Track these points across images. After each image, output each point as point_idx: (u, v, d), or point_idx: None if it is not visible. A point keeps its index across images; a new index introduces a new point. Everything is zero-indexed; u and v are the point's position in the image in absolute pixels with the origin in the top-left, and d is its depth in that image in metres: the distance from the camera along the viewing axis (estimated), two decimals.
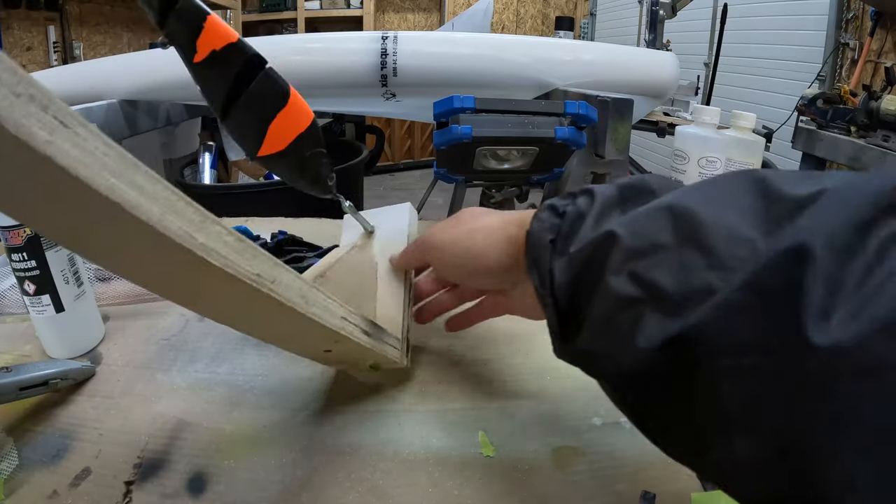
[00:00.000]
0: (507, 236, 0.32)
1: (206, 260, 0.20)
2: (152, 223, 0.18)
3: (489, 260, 0.33)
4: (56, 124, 0.15)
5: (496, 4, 3.71)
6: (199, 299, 0.25)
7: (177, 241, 0.18)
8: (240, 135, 0.36)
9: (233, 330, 0.29)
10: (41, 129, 0.14)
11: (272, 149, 0.36)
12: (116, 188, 0.17)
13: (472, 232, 0.34)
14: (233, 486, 0.32)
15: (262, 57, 0.35)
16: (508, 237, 0.32)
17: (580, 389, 0.40)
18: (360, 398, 0.39)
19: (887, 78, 1.53)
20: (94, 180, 0.16)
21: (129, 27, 2.33)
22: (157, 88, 0.94)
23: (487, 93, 0.85)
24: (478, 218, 0.35)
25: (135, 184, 0.17)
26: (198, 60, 0.34)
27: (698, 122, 0.54)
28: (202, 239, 0.20)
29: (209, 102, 0.36)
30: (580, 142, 0.62)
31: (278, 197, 1.20)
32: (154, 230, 0.18)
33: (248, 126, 0.36)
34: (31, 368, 0.36)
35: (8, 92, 0.14)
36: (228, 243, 0.21)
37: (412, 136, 3.68)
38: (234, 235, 0.22)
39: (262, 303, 0.24)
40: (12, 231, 0.38)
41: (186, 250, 0.19)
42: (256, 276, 0.22)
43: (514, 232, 0.31)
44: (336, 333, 0.29)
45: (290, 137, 0.35)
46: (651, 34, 1.61)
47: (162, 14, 0.33)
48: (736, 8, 1.95)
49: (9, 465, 0.32)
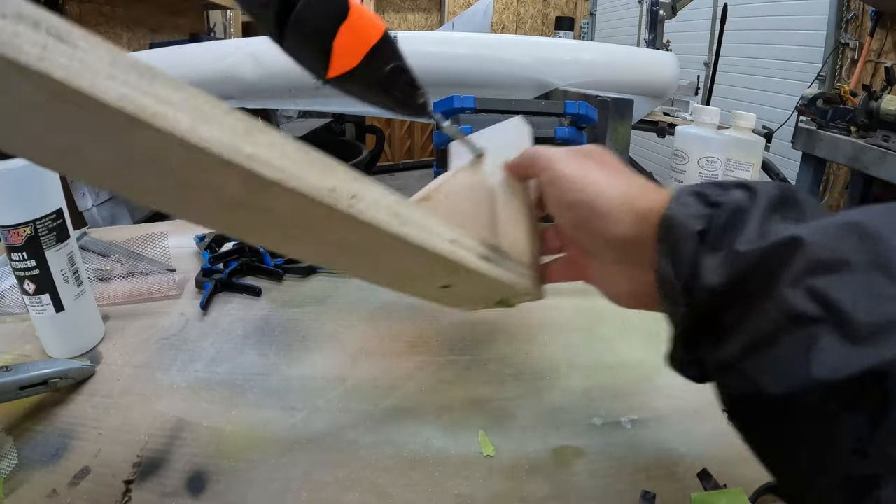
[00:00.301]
0: (632, 207, 0.27)
1: (258, 174, 0.16)
2: (180, 134, 0.15)
3: (613, 225, 0.28)
4: (49, 40, 0.14)
5: (496, 4, 3.71)
6: (266, 229, 0.21)
7: (216, 152, 0.15)
8: (301, 58, 0.32)
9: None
10: (32, 47, 0.13)
11: (341, 69, 0.31)
12: (128, 97, 0.15)
13: (598, 185, 0.29)
14: (232, 485, 0.32)
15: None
16: (635, 209, 0.27)
17: (580, 389, 0.40)
18: (360, 398, 0.39)
19: (887, 78, 1.53)
20: (100, 90, 0.14)
21: (129, 27, 2.33)
22: None
23: (487, 93, 0.85)
24: (606, 165, 0.30)
25: (152, 93, 0.15)
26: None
27: (698, 122, 0.54)
28: (250, 149, 0.16)
29: (260, 26, 0.32)
30: (580, 142, 0.62)
31: None
32: (187, 143, 0.15)
33: (308, 47, 0.32)
34: (31, 368, 0.36)
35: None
36: (286, 153, 0.17)
37: (412, 136, 3.68)
38: (294, 144, 0.18)
39: (344, 226, 0.20)
40: (12, 230, 0.38)
41: (231, 165, 0.16)
42: (330, 190, 0.18)
43: (643, 206, 0.27)
44: (447, 260, 0.25)
45: (361, 53, 0.31)
46: (651, 34, 1.61)
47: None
48: (736, 8, 1.95)
49: (8, 465, 0.32)
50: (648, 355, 0.44)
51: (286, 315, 0.50)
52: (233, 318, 0.49)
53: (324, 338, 0.46)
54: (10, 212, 0.38)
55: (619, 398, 0.39)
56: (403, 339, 0.46)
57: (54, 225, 0.40)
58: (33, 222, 0.39)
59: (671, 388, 0.41)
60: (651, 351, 0.45)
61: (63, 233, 0.41)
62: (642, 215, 0.27)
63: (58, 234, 0.40)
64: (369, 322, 0.49)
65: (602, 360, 0.44)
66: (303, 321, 0.49)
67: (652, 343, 0.46)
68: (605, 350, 0.45)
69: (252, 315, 0.50)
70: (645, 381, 0.41)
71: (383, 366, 0.43)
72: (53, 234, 0.40)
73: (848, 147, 1.43)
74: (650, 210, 0.26)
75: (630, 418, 0.37)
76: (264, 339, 0.46)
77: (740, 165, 0.56)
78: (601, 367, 0.43)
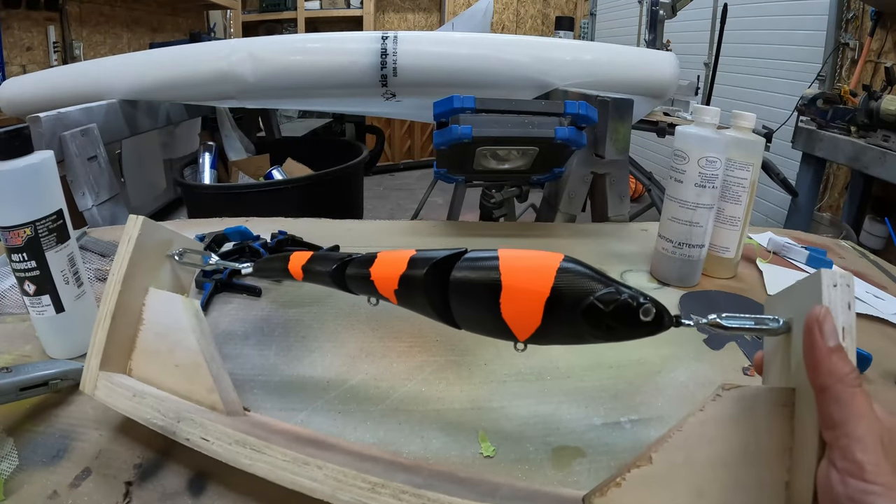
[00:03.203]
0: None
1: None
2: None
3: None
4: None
5: (496, 4, 3.71)
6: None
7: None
8: (486, 333, 0.31)
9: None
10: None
11: (530, 330, 0.28)
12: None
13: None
14: (233, 485, 0.32)
15: (428, 262, 0.30)
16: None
17: (580, 389, 0.40)
18: (360, 398, 0.39)
19: (887, 78, 1.53)
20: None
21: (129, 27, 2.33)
22: (157, 88, 0.94)
23: (487, 93, 0.85)
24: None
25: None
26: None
27: (698, 122, 0.54)
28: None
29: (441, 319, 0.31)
30: (580, 142, 0.62)
31: (278, 197, 1.20)
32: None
33: (486, 329, 0.30)
34: (32, 369, 0.36)
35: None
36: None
37: (412, 136, 3.68)
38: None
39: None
40: (12, 231, 0.38)
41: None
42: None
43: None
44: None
45: (538, 311, 0.27)
46: (651, 34, 1.61)
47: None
48: (736, 8, 1.95)
49: (9, 466, 0.32)
50: (648, 355, 0.44)
51: (286, 315, 0.50)
52: (233, 318, 0.49)
53: (324, 338, 0.46)
54: (11, 213, 0.38)
55: (619, 398, 0.39)
56: (403, 339, 0.46)
57: (54, 226, 0.40)
58: (33, 223, 0.39)
59: (671, 388, 0.41)
60: (651, 351, 0.45)
61: (63, 233, 0.41)
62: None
63: (58, 235, 0.40)
64: (369, 322, 0.49)
65: (602, 360, 0.44)
66: (303, 321, 0.49)
67: (652, 343, 0.46)
68: (605, 350, 0.45)
69: (252, 315, 0.50)
70: (645, 381, 0.41)
71: (383, 366, 0.43)
72: (54, 235, 0.40)
73: (848, 147, 1.43)
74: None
75: (630, 418, 0.37)
76: (264, 339, 0.46)
77: (740, 165, 0.55)
78: (601, 367, 0.43)
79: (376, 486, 0.27)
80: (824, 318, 0.23)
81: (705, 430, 0.25)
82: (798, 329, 0.25)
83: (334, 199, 1.31)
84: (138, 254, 0.38)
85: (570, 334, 0.27)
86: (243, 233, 0.61)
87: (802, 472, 0.22)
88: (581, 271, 0.27)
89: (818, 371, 0.22)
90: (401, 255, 0.32)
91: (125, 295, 0.37)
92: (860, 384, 0.21)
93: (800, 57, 2.09)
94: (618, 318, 0.26)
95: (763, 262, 0.64)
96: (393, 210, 2.86)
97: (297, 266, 0.39)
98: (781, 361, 0.27)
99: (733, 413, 0.25)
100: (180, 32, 2.75)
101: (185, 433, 0.31)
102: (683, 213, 0.55)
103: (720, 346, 0.47)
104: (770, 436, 0.24)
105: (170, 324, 0.37)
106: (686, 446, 0.25)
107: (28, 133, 0.39)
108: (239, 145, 1.43)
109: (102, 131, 0.83)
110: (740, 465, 0.24)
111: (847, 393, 0.21)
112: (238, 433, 0.31)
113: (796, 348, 0.25)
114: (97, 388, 0.35)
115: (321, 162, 1.43)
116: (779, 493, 0.24)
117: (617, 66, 0.92)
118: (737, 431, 0.24)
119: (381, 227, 0.75)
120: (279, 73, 0.88)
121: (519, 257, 0.28)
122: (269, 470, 0.29)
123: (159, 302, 0.38)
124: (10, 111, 0.99)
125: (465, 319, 0.31)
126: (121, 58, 1.02)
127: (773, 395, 0.25)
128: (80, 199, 0.77)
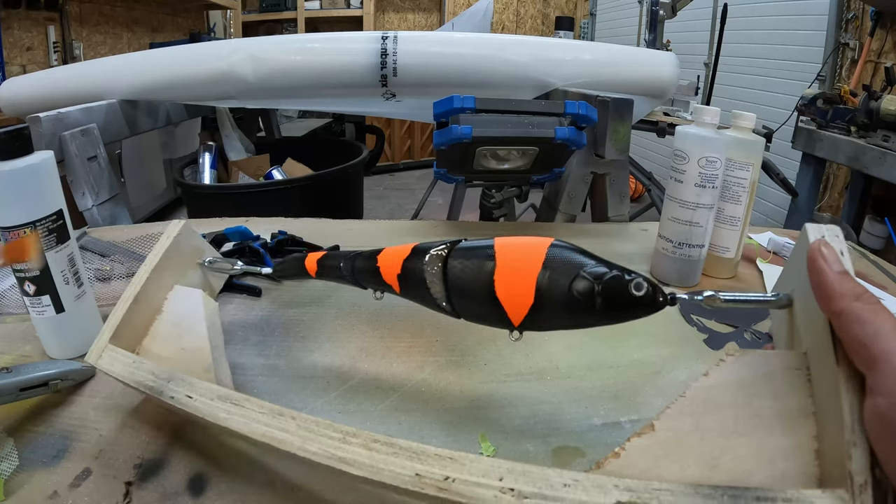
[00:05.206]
0: None
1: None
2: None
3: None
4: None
5: (496, 4, 3.71)
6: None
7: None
8: (481, 318, 0.31)
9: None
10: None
11: (523, 310, 0.28)
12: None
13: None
14: (233, 485, 0.32)
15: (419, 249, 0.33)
16: None
17: (580, 389, 0.40)
18: (360, 398, 0.39)
19: (887, 78, 1.53)
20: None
21: (129, 27, 2.33)
22: (157, 88, 0.94)
23: (487, 93, 0.85)
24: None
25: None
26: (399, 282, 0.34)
27: (698, 122, 0.54)
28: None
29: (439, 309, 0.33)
30: (580, 142, 0.62)
31: (278, 197, 1.20)
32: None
33: (483, 311, 0.30)
34: (32, 369, 0.36)
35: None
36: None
37: (412, 136, 3.68)
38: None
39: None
40: (12, 231, 0.38)
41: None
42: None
43: None
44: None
45: (531, 287, 0.28)
46: (651, 34, 1.61)
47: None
48: (736, 8, 1.95)
49: (9, 466, 0.32)
50: (648, 355, 0.44)
51: (286, 315, 0.50)
52: (233, 319, 0.49)
53: (324, 338, 0.46)
54: (11, 213, 0.38)
55: (619, 398, 0.39)
56: (403, 339, 0.46)
57: (54, 226, 0.40)
58: (33, 223, 0.39)
59: (671, 388, 0.41)
60: (651, 351, 0.45)
61: (63, 234, 0.41)
62: None
63: (58, 236, 0.40)
64: (369, 322, 0.49)
65: (602, 360, 0.44)
66: (303, 321, 0.49)
67: (652, 343, 0.46)
68: (605, 350, 0.45)
69: (252, 315, 0.50)
70: (645, 381, 0.41)
71: (383, 366, 0.43)
72: (54, 236, 0.40)
73: (848, 147, 1.43)
74: None
75: (630, 418, 0.37)
76: (264, 339, 0.46)
77: (740, 165, 0.55)
78: (601, 367, 0.43)
79: (347, 436, 0.26)
80: (826, 245, 0.22)
81: (712, 396, 0.23)
82: (800, 296, 0.24)
83: (334, 199, 1.31)
84: (173, 251, 0.42)
85: (563, 314, 0.27)
86: (243, 233, 0.61)
87: (833, 435, 0.20)
88: (571, 248, 0.28)
89: (831, 296, 0.20)
90: (405, 246, 0.35)
91: (151, 283, 0.39)
92: (878, 300, 0.20)
93: (800, 57, 2.09)
94: (608, 292, 0.26)
95: (763, 262, 0.64)
96: (393, 210, 2.86)
97: (313, 262, 0.43)
98: (788, 335, 0.26)
99: (741, 378, 0.23)
100: (180, 32, 2.75)
101: (171, 391, 0.31)
102: (683, 213, 0.55)
103: (720, 345, 0.47)
104: (786, 400, 0.23)
105: (185, 314, 0.39)
106: (693, 412, 0.23)
107: (28, 133, 0.39)
108: (239, 145, 1.43)
109: (102, 131, 0.83)
110: (756, 433, 0.22)
111: (868, 310, 0.19)
112: (222, 389, 0.31)
113: (801, 316, 0.24)
114: (101, 358, 0.35)
115: (321, 162, 1.43)
116: (808, 462, 0.21)
117: (617, 66, 0.92)
118: (747, 397, 0.23)
119: (381, 227, 0.75)
120: (279, 73, 0.88)
121: (513, 241, 0.30)
122: (243, 423, 0.28)
123: (181, 297, 0.41)
124: (10, 111, 0.99)
125: (461, 299, 0.31)
126: (121, 58, 1.02)
127: (783, 359, 0.24)
128: (80, 199, 0.77)
